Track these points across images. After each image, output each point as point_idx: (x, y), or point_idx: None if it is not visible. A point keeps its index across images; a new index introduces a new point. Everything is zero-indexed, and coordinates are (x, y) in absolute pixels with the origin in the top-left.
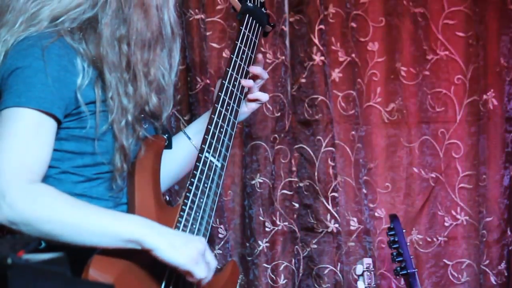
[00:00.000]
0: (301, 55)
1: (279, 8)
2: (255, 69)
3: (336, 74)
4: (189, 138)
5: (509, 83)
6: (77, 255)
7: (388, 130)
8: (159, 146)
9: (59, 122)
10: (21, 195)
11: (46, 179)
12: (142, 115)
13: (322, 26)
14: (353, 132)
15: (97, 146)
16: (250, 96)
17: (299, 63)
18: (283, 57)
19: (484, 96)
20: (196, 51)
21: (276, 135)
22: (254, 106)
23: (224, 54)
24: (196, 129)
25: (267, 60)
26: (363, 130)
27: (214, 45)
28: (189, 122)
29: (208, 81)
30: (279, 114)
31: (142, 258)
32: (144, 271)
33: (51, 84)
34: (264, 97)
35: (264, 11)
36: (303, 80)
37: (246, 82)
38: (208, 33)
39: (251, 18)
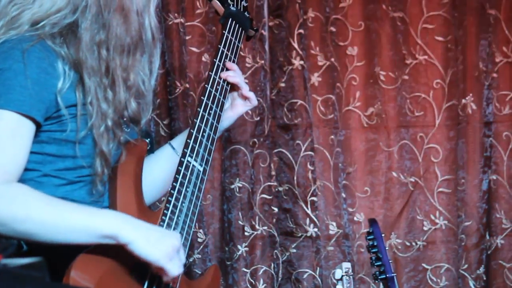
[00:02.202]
0: (280, 59)
1: (258, 12)
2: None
3: (315, 78)
4: (174, 149)
5: (488, 87)
6: (61, 258)
7: (367, 134)
8: (141, 150)
9: (38, 124)
10: None
11: (27, 182)
12: (123, 121)
13: (301, 31)
14: (332, 136)
15: (78, 149)
16: (243, 92)
17: (278, 67)
18: (263, 61)
19: (463, 101)
20: (176, 55)
21: (255, 139)
22: (240, 109)
23: (203, 59)
24: (182, 141)
25: (246, 64)
26: (342, 135)
27: (194, 49)
28: (168, 126)
29: (187, 85)
30: (258, 118)
31: (124, 259)
32: (126, 272)
33: (30, 86)
34: (254, 99)
35: (247, 15)
36: (282, 85)
37: (225, 74)
38: (187, 37)
39: (234, 22)
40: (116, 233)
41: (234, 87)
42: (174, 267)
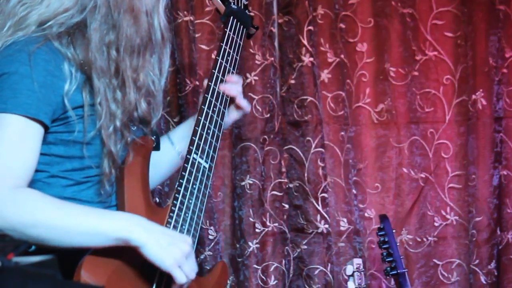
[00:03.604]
0: (290, 56)
1: (267, 9)
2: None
3: (325, 75)
4: (173, 144)
5: (498, 83)
6: (69, 257)
7: (378, 131)
8: (147, 149)
9: (46, 127)
10: (5, 201)
11: (35, 183)
12: (131, 122)
13: (311, 27)
14: (342, 133)
15: (85, 150)
16: (236, 100)
17: (288, 64)
18: (272, 58)
19: (473, 96)
20: (185, 53)
21: (265, 136)
22: (235, 115)
23: (213, 56)
24: (181, 135)
25: (256, 62)
26: (352, 131)
27: (203, 46)
28: (178, 124)
29: (197, 82)
30: (268, 115)
31: (133, 258)
32: (135, 271)
33: (37, 89)
34: (247, 106)
35: (248, 13)
36: (292, 81)
37: (224, 87)
38: (197, 35)
39: (235, 20)
40: (128, 237)
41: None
42: (181, 276)
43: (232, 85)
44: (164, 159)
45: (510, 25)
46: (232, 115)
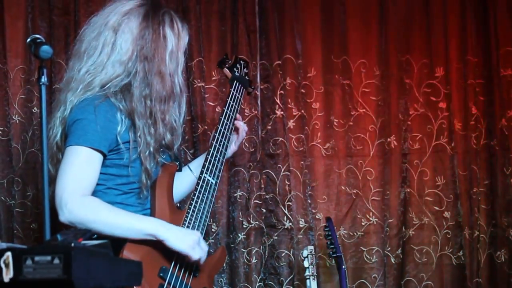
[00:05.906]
0: (268, 110)
1: (253, 79)
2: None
3: (291, 123)
4: (191, 170)
5: (404, 131)
6: (117, 242)
7: (325, 161)
8: (172, 169)
9: (104, 155)
10: (77, 204)
11: (96, 192)
12: (161, 148)
13: (282, 91)
14: (302, 162)
15: (130, 170)
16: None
17: (266, 116)
18: (256, 112)
19: (388, 139)
20: (198, 107)
21: (251, 163)
22: (234, 148)
23: (217, 109)
24: (197, 164)
25: (245, 114)
26: (309, 161)
27: (210, 103)
28: (193, 154)
29: (206, 127)
30: (253, 149)
31: (158, 246)
32: (160, 253)
33: (99, 130)
34: (244, 128)
35: (247, 79)
36: (269, 127)
37: (237, 123)
38: (206, 95)
39: (238, 83)
40: (155, 233)
41: (236, 129)
42: (195, 254)
43: (239, 122)
44: (185, 181)
45: (413, 93)
46: (231, 149)
